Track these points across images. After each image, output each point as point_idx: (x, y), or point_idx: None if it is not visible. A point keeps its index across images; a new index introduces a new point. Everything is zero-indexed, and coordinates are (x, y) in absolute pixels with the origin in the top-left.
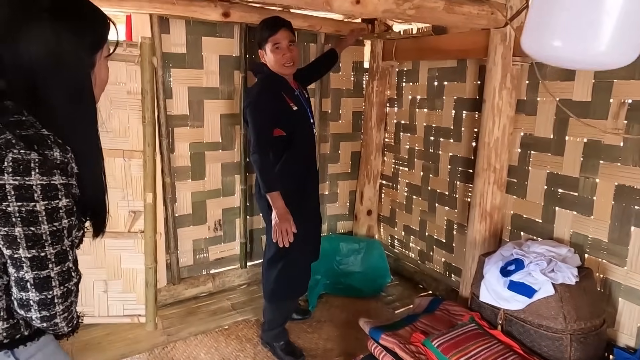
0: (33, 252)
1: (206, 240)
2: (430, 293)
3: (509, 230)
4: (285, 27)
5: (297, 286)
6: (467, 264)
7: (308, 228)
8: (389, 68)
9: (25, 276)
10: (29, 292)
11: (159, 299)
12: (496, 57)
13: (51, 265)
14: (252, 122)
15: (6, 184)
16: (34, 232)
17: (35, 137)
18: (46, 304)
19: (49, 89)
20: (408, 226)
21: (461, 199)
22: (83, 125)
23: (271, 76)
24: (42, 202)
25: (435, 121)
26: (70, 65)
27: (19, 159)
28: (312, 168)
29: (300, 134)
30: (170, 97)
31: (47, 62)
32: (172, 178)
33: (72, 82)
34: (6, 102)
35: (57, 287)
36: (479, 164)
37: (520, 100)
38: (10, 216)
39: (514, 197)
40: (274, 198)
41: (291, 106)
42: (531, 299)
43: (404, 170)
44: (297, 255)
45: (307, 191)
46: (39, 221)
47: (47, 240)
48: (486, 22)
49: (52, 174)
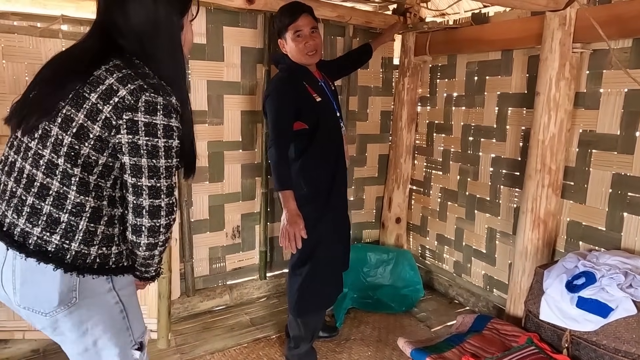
0: (152, 182)
1: (223, 248)
2: (469, 309)
3: (565, 240)
4: (307, 12)
5: (324, 297)
6: (515, 277)
7: (334, 231)
8: (421, 64)
9: (143, 202)
10: (143, 219)
11: (172, 312)
12: (553, 44)
13: (162, 196)
14: (271, 113)
15: (139, 120)
16: (155, 164)
17: (159, 85)
18: (154, 230)
19: (152, 48)
20: (442, 235)
21: (505, 204)
22: (178, 78)
23: (292, 66)
24: (162, 139)
25: (474, 120)
26: (167, 28)
27: (150, 101)
28: (340, 165)
29: (324, 127)
30: (188, 91)
31: (149, 26)
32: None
33: (168, 42)
34: (133, 58)
35: (164, 217)
36: (531, 164)
37: (579, 92)
38: (140, 148)
39: (570, 202)
40: (286, 197)
41: (314, 97)
42: (606, 319)
43: (437, 174)
44: (323, 262)
45: (334, 191)
46: (159, 155)
47: (162, 173)
48: (545, 2)
49: (171, 117)
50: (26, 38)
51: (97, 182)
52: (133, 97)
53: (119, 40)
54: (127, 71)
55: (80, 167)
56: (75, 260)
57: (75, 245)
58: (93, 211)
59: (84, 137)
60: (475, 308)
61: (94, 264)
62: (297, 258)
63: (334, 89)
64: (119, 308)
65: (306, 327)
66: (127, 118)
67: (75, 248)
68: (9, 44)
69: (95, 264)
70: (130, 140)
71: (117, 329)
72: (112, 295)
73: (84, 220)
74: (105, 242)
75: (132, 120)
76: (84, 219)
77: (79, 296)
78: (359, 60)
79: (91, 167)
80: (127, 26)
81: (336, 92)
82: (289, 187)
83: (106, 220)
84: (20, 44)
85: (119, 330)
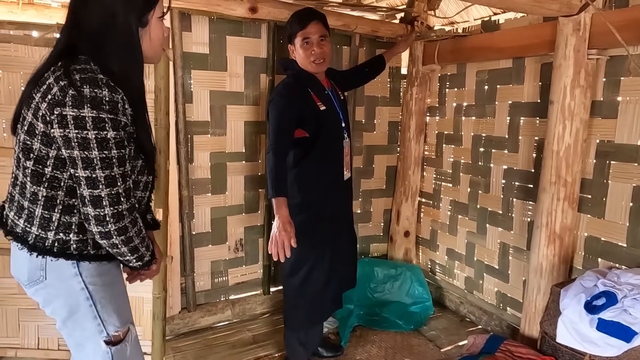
0: (88, 173)
1: (226, 262)
2: (481, 328)
3: (582, 256)
4: (318, 20)
5: (315, 310)
6: (529, 295)
7: (330, 243)
8: (429, 73)
9: (83, 192)
10: (87, 207)
11: (172, 328)
12: (567, 51)
13: (101, 187)
14: (272, 118)
15: (67, 114)
16: (87, 155)
17: (90, 79)
18: (99, 220)
19: (104, 45)
20: (452, 250)
21: (519, 218)
22: (133, 74)
23: (299, 73)
24: (92, 131)
25: (485, 130)
26: (122, 25)
27: (75, 95)
28: (340, 175)
29: (326, 136)
30: (190, 102)
31: (104, 23)
32: (189, 191)
33: (122, 39)
34: (80, 56)
35: (108, 207)
36: (545, 176)
37: (596, 101)
38: (71, 141)
39: (588, 217)
40: (278, 204)
41: (318, 105)
42: (630, 343)
43: (447, 186)
44: (316, 274)
45: (331, 201)
46: (91, 147)
47: (97, 164)
48: (558, 7)
49: (101, 109)
50: (22, 47)
51: (54, 174)
52: (61, 93)
53: (76, 42)
54: (66, 69)
55: (33, 161)
56: (35, 242)
57: (34, 229)
58: (46, 200)
59: (33, 133)
60: (487, 327)
61: (52, 248)
62: (289, 268)
63: (343, 98)
64: (85, 295)
65: (300, 342)
66: (57, 113)
67: (35, 232)
68: (4, 54)
69: (55, 248)
70: (61, 133)
71: (82, 315)
72: (78, 280)
73: (39, 208)
74: (62, 229)
75: (61, 114)
76: (39, 206)
77: (47, 275)
78: (372, 72)
79: (44, 160)
80: (86, 25)
81: (345, 102)
82: (283, 194)
83: (61, 209)
84: (16, 53)
85: (84, 315)
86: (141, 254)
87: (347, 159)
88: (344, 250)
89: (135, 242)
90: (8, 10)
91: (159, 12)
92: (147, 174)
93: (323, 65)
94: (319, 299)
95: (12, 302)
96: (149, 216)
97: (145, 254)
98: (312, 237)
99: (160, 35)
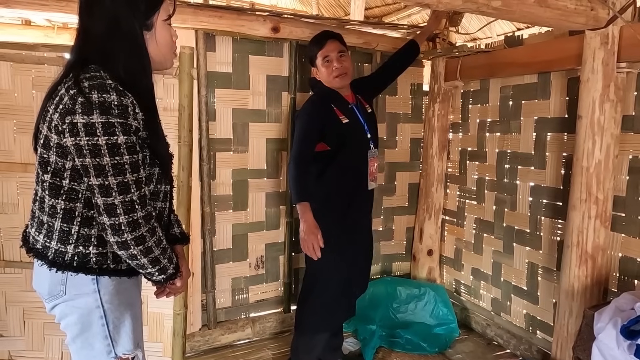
0: (100, 180)
1: (246, 279)
2: (509, 352)
3: (617, 278)
4: (334, 38)
5: (327, 316)
6: (560, 318)
7: (346, 252)
8: (452, 89)
9: (97, 201)
10: (103, 217)
11: (192, 345)
12: (595, 65)
13: (114, 194)
14: (296, 131)
15: (78, 122)
16: (99, 162)
17: (98, 85)
18: (115, 229)
19: (113, 48)
20: (477, 269)
21: (547, 237)
22: (140, 77)
23: (323, 90)
24: (103, 137)
25: (510, 146)
26: (125, 28)
27: (84, 102)
28: (364, 185)
29: (349, 148)
30: (213, 120)
31: (107, 27)
32: (211, 208)
33: (128, 41)
34: (91, 66)
35: (122, 215)
36: (575, 194)
37: (627, 115)
38: (82, 149)
39: (622, 236)
40: (303, 209)
41: (341, 119)
42: None
43: (472, 203)
44: (333, 280)
45: (352, 209)
46: (102, 154)
47: (109, 171)
48: (584, 21)
49: (110, 113)
50: (55, 68)
51: (71, 186)
52: (71, 101)
53: (86, 53)
54: (76, 78)
55: (50, 174)
56: (55, 258)
57: (54, 243)
58: (65, 212)
59: (48, 146)
60: (516, 351)
61: (72, 262)
62: (307, 273)
63: (370, 111)
64: (99, 313)
65: (304, 349)
66: (68, 122)
67: (54, 246)
68: (39, 75)
69: (75, 262)
70: (73, 142)
71: (93, 334)
72: (95, 298)
73: (58, 221)
74: (81, 242)
75: (72, 123)
76: (58, 219)
77: (66, 291)
78: (406, 59)
79: (61, 172)
80: (92, 34)
81: (373, 114)
82: (307, 199)
83: (80, 221)
84: (49, 74)
85: (95, 334)
86: (163, 267)
87: (372, 170)
88: (361, 259)
89: (156, 252)
90: (44, 34)
91: (164, 15)
92: (164, 182)
93: (346, 79)
94: (332, 306)
95: (37, 315)
96: (178, 229)
97: (167, 266)
98: (330, 244)
99: (167, 38)
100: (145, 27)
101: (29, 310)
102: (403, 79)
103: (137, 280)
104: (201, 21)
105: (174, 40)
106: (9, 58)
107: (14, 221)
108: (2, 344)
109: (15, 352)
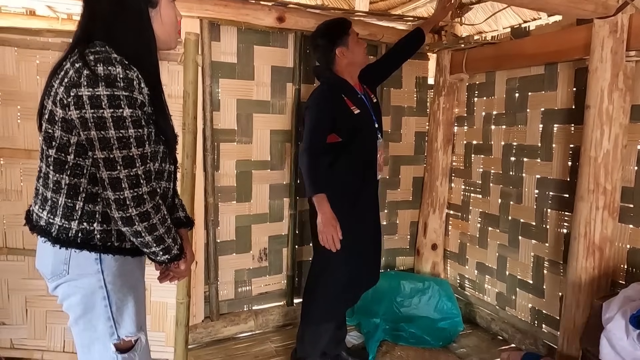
0: (105, 154)
1: (249, 272)
2: (514, 347)
3: (625, 269)
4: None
5: (335, 308)
6: (568, 311)
7: (359, 242)
8: (457, 82)
9: (102, 175)
10: (107, 191)
11: (194, 337)
12: (603, 53)
13: (119, 168)
14: (307, 123)
15: (83, 94)
16: (104, 135)
17: (104, 58)
18: (120, 204)
19: (118, 25)
20: (482, 264)
21: (554, 229)
22: (145, 54)
23: (332, 79)
24: (108, 109)
25: (516, 139)
26: (131, 4)
27: (90, 74)
28: (370, 177)
29: (360, 139)
30: (217, 110)
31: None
32: (215, 199)
33: (133, 18)
34: (95, 42)
35: (127, 190)
36: (582, 184)
37: (636, 105)
38: (87, 121)
39: (630, 227)
40: (320, 201)
41: (352, 110)
42: None
43: (477, 197)
44: (341, 271)
45: (361, 200)
46: (107, 126)
47: (114, 144)
48: (593, 8)
49: (116, 86)
50: (59, 54)
51: (76, 161)
52: (77, 74)
53: (91, 30)
54: (82, 53)
55: (55, 149)
56: (58, 234)
57: (58, 219)
58: (69, 188)
59: (53, 121)
60: (521, 346)
61: (76, 239)
62: (316, 263)
63: (376, 101)
64: (102, 294)
65: (310, 339)
66: (73, 94)
67: (58, 222)
68: (44, 60)
69: (78, 239)
70: (78, 115)
71: (96, 315)
72: (98, 278)
73: (62, 197)
74: (86, 218)
75: (77, 95)
76: (62, 195)
77: (69, 270)
78: (410, 47)
79: (66, 147)
80: (98, 11)
81: (378, 104)
82: (323, 191)
83: (84, 197)
84: (54, 59)
85: (98, 316)
86: (167, 246)
87: (380, 160)
88: (371, 250)
89: (160, 231)
90: (49, 24)
91: None
92: (169, 162)
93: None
94: (339, 297)
95: (40, 304)
96: (182, 213)
97: (172, 246)
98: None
99: (172, 17)
100: (150, 4)
101: (31, 298)
102: (408, 72)
103: (140, 261)
104: (206, 9)
105: (178, 19)
106: (13, 43)
107: (17, 208)
108: (5, 332)
109: (17, 340)
